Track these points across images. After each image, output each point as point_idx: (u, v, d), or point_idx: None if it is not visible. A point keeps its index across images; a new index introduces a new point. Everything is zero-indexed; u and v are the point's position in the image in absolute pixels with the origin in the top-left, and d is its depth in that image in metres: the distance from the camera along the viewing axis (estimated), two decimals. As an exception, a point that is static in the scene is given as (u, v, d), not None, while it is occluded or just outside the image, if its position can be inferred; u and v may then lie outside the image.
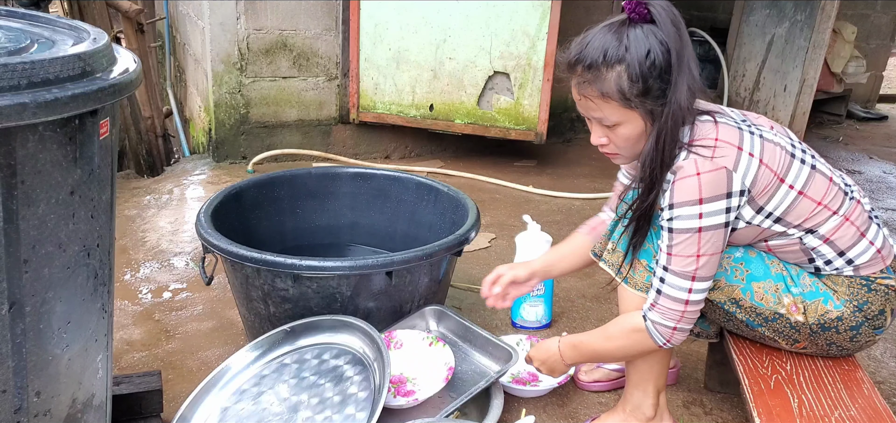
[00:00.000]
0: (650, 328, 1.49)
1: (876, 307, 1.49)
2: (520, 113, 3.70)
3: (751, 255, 1.52)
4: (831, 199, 1.46)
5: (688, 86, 1.37)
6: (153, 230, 2.91)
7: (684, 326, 1.47)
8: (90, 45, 1.08)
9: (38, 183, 1.00)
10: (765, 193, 1.42)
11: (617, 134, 1.46)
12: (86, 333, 1.19)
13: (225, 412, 1.64)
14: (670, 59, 1.36)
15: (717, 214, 1.39)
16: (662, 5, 1.38)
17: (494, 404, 1.74)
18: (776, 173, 1.42)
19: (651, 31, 1.37)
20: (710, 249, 1.41)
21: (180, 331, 2.19)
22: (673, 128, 1.39)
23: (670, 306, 1.45)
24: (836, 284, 1.50)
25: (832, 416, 1.40)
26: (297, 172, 2.44)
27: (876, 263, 1.48)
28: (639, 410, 1.68)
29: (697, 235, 1.39)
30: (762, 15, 4.73)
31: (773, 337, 1.56)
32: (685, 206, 1.38)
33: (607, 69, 1.39)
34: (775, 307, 1.50)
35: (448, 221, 2.23)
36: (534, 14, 3.49)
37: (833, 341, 1.53)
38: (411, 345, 1.84)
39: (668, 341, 1.49)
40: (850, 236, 1.47)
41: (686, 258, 1.41)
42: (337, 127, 3.91)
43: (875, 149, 5.03)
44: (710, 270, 1.44)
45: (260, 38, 3.59)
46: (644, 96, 1.39)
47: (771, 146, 1.44)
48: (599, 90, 1.41)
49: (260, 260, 1.73)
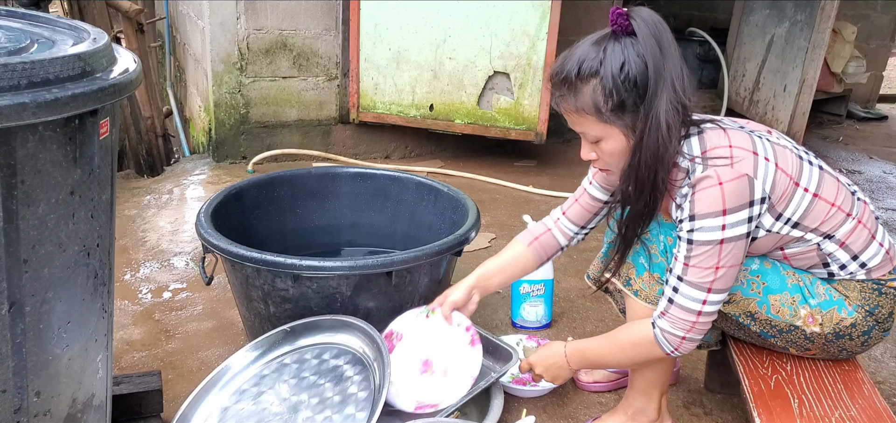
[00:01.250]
0: (658, 337, 1.45)
1: (886, 310, 1.48)
2: (520, 113, 3.70)
3: (766, 266, 1.49)
4: (842, 200, 1.44)
5: (670, 101, 1.32)
6: (153, 230, 2.91)
7: (694, 336, 1.43)
8: (90, 45, 1.08)
9: (38, 183, 1.00)
10: (783, 198, 1.39)
11: (602, 150, 1.43)
12: (86, 333, 1.19)
13: (225, 411, 1.64)
14: (648, 74, 1.32)
15: (739, 224, 1.34)
16: (646, 18, 1.34)
17: (494, 404, 1.74)
18: (791, 177, 1.39)
19: (630, 43, 1.33)
20: (729, 260, 1.37)
21: (180, 331, 2.19)
22: (653, 146, 1.34)
23: (681, 316, 1.41)
24: (848, 289, 1.47)
25: (832, 417, 1.40)
26: (297, 172, 2.44)
27: (885, 264, 1.47)
28: (642, 414, 1.67)
29: (719, 246, 1.35)
30: (762, 15, 4.73)
31: (785, 346, 1.54)
32: (708, 217, 1.34)
33: (582, 84, 1.36)
34: (791, 320, 1.47)
35: (448, 221, 2.23)
36: (534, 14, 3.49)
37: (844, 348, 1.52)
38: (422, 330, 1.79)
39: (677, 349, 1.45)
40: (863, 238, 1.45)
41: (704, 270, 1.37)
42: (337, 127, 3.91)
43: (875, 149, 5.03)
44: (728, 282, 1.40)
45: (260, 38, 3.59)
46: (620, 111, 1.36)
47: (781, 150, 1.42)
48: (574, 105, 1.39)
49: (260, 260, 1.73)
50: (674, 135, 1.35)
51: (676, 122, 1.35)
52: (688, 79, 1.35)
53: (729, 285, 1.41)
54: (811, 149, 1.63)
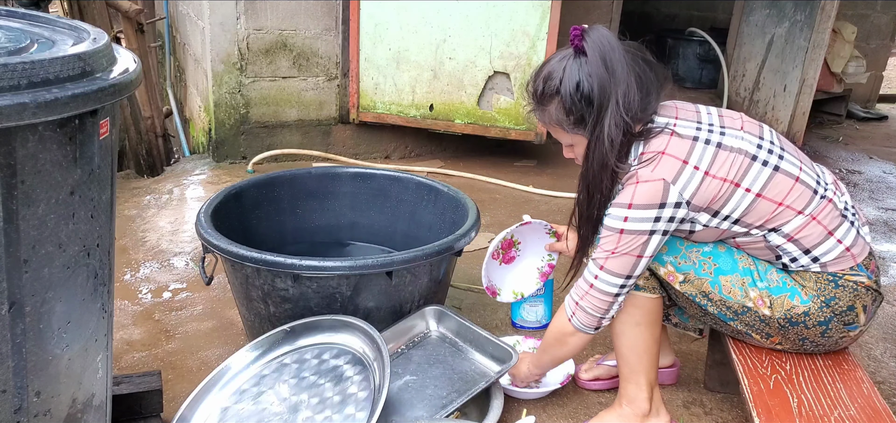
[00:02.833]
0: (566, 301, 1.63)
1: (844, 303, 1.50)
2: (520, 113, 3.70)
3: (720, 249, 1.57)
4: (795, 198, 1.49)
5: (613, 118, 1.45)
6: (153, 230, 2.91)
7: (586, 306, 1.57)
8: (90, 45, 1.08)
9: (38, 183, 1.00)
10: (717, 199, 1.48)
11: (576, 152, 1.59)
12: (86, 333, 1.19)
13: (225, 411, 1.64)
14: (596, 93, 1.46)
15: (643, 220, 1.46)
16: (596, 39, 1.46)
17: (494, 404, 1.74)
18: (728, 180, 1.47)
19: (585, 61, 1.46)
20: (625, 248, 1.49)
21: (180, 331, 2.19)
22: (599, 157, 1.48)
23: (580, 285, 1.59)
24: (805, 279, 1.52)
25: (831, 416, 1.41)
26: (297, 172, 2.44)
27: (844, 260, 1.50)
28: (634, 404, 1.69)
29: (619, 235, 1.48)
30: (762, 15, 4.73)
31: (747, 331, 1.58)
32: (617, 207, 1.48)
33: (547, 102, 1.53)
34: (743, 301, 1.54)
35: (448, 221, 2.23)
36: (534, 14, 3.49)
37: (805, 337, 1.55)
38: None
39: (574, 315, 1.60)
40: (816, 234, 1.49)
41: (602, 251, 1.52)
42: (337, 127, 3.91)
43: (875, 149, 5.03)
44: (622, 269, 1.51)
45: (260, 38, 3.59)
46: (580, 124, 1.51)
47: (726, 153, 1.48)
48: (543, 120, 1.57)
49: (260, 260, 1.73)
50: (616, 147, 1.47)
51: (619, 136, 1.47)
52: (635, 94, 1.46)
53: (624, 273, 1.52)
54: (810, 149, 1.65)
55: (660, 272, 1.58)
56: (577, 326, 1.60)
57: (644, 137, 1.50)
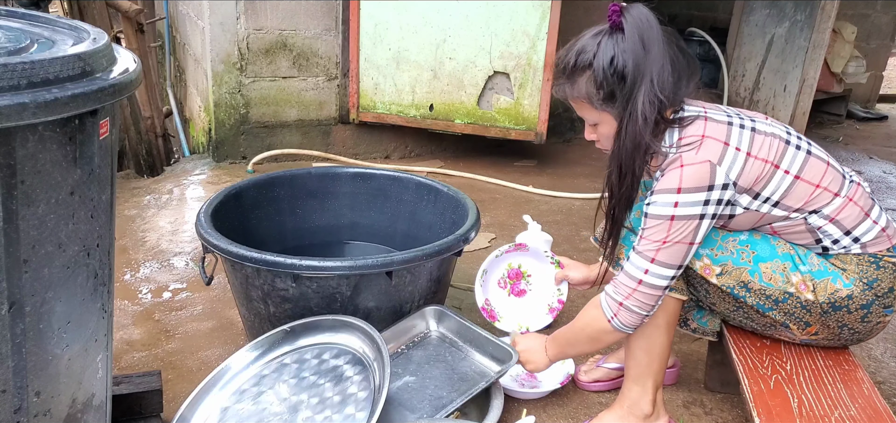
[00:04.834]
0: (603, 300, 1.56)
1: (885, 285, 1.50)
2: (520, 113, 3.70)
3: (756, 237, 1.54)
4: (830, 182, 1.49)
5: (647, 96, 1.42)
6: (153, 230, 2.91)
7: (631, 305, 1.50)
8: (90, 45, 1.08)
9: (38, 183, 1.00)
10: (759, 180, 1.46)
11: (599, 132, 1.55)
12: (86, 333, 1.19)
13: (225, 411, 1.64)
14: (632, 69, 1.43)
15: (693, 204, 1.43)
16: (635, 15, 1.43)
17: (494, 404, 1.74)
18: (769, 161, 1.46)
19: (621, 39, 1.43)
20: (677, 237, 1.44)
21: (180, 331, 2.19)
22: (631, 135, 1.45)
23: (624, 282, 1.51)
24: (845, 263, 1.51)
25: (832, 416, 1.40)
26: (297, 172, 2.44)
27: (882, 241, 1.50)
28: (636, 406, 1.68)
29: (669, 222, 1.44)
30: (762, 15, 4.73)
31: (785, 321, 1.55)
32: (664, 193, 1.44)
33: (578, 75, 1.49)
34: (784, 287, 1.51)
35: (448, 221, 2.23)
36: (534, 14, 3.49)
37: (845, 323, 1.54)
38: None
39: (616, 316, 1.53)
40: (854, 215, 1.49)
41: (652, 242, 1.46)
42: (337, 127, 3.91)
43: (875, 149, 5.03)
44: (674, 259, 1.46)
45: (260, 38, 3.59)
46: (610, 100, 1.47)
47: (762, 137, 1.48)
48: (571, 94, 1.52)
49: (260, 260, 1.73)
50: (650, 124, 1.44)
51: (653, 114, 1.44)
52: (669, 75, 1.44)
53: (675, 263, 1.47)
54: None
55: (696, 266, 1.53)
56: (617, 326, 1.54)
57: (678, 124, 1.48)
